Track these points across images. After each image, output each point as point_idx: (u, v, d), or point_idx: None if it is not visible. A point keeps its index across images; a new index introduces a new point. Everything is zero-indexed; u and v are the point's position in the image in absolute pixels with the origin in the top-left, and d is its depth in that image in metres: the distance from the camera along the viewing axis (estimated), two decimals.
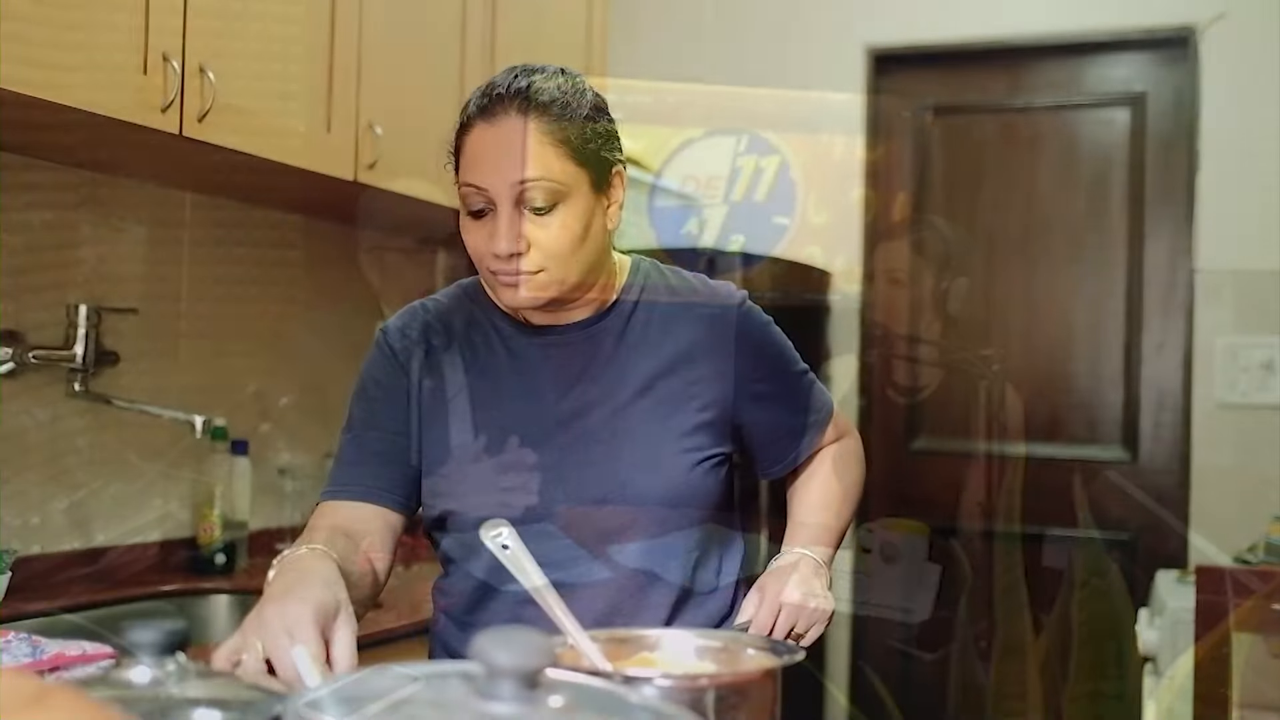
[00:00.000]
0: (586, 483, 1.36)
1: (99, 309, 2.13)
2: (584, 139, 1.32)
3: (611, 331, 1.42)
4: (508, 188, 1.29)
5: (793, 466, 1.53)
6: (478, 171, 1.31)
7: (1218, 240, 3.27)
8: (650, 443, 1.38)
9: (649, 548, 1.37)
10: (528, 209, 1.30)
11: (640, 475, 1.36)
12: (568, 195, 1.31)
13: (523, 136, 1.29)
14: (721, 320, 1.44)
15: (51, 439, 2.13)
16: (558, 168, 1.30)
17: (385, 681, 0.65)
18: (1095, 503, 3.43)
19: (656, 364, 1.41)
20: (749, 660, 1.05)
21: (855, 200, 3.61)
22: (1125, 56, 3.46)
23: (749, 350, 1.45)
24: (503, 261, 1.31)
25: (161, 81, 1.81)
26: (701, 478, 1.39)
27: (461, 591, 1.43)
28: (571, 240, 1.31)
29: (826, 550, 1.45)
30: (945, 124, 3.62)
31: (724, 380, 1.43)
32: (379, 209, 2.53)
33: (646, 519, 1.36)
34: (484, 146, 1.31)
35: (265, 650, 1.02)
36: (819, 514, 1.49)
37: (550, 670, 0.67)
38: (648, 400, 1.40)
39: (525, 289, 1.32)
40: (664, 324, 1.44)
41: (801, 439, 1.51)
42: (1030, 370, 3.50)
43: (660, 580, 1.38)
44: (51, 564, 2.11)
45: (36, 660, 1.45)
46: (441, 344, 1.43)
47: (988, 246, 3.56)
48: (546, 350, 1.41)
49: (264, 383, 2.61)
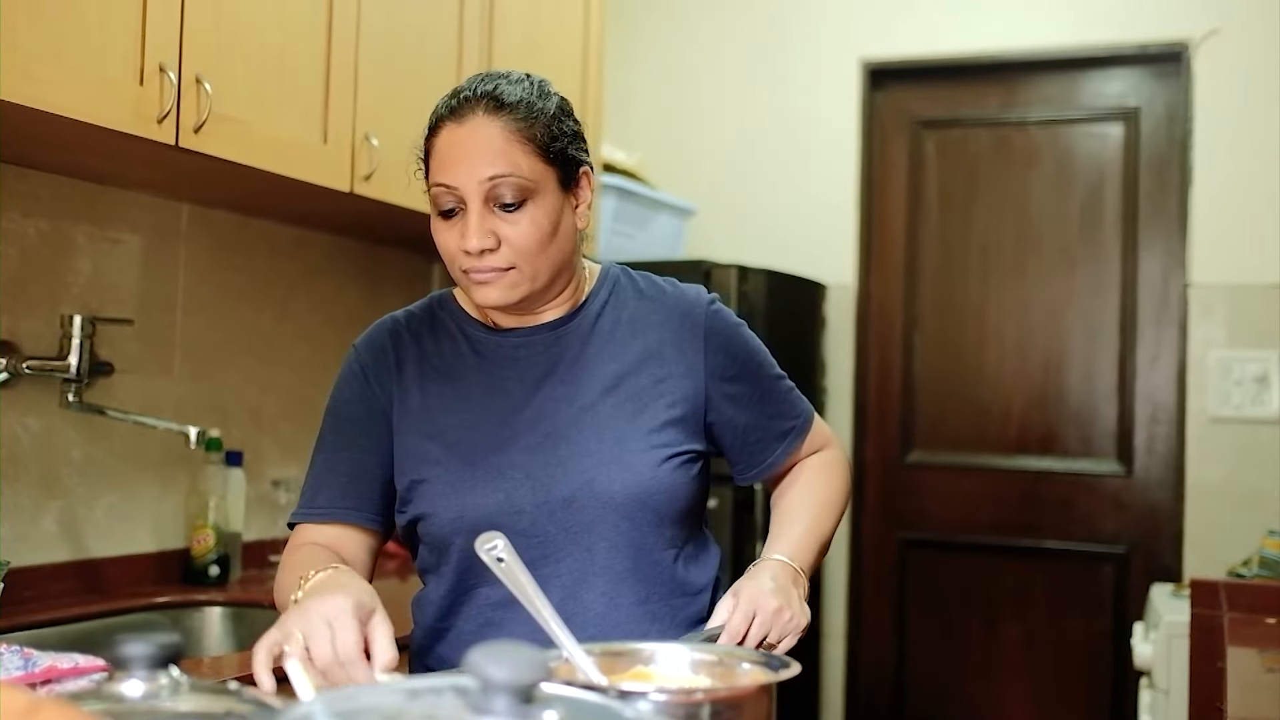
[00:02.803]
0: (554, 482, 1.37)
1: (94, 319, 2.13)
2: (550, 137, 1.36)
3: (579, 332, 1.44)
4: (476, 185, 1.32)
5: (769, 472, 1.52)
6: (447, 171, 1.33)
7: (1211, 254, 3.28)
8: (617, 440, 1.38)
9: (618, 546, 1.37)
10: (497, 206, 1.32)
11: (607, 472, 1.36)
12: (536, 192, 1.33)
13: (490, 134, 1.32)
14: (689, 318, 1.45)
15: (45, 449, 2.12)
16: (525, 164, 1.33)
17: (378, 695, 0.65)
18: (1089, 516, 3.43)
19: (624, 363, 1.43)
20: (744, 675, 1.05)
21: (850, 213, 3.62)
22: (1119, 71, 3.47)
23: (718, 347, 1.45)
24: (474, 259, 1.33)
25: (158, 92, 1.81)
26: (670, 475, 1.39)
27: (433, 600, 1.44)
28: (541, 237, 1.34)
29: (807, 559, 1.42)
30: (940, 138, 3.63)
31: (693, 377, 1.43)
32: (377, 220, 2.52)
33: (615, 517, 1.36)
34: (452, 146, 1.34)
35: (306, 639, 1.03)
36: (800, 522, 1.46)
37: (545, 684, 0.66)
38: (615, 398, 1.41)
39: (496, 287, 1.35)
40: (631, 324, 1.45)
41: (778, 444, 1.50)
42: (1024, 384, 3.51)
43: (631, 579, 1.38)
44: (44, 575, 2.10)
45: (29, 673, 1.45)
46: (410, 353, 1.46)
47: (982, 260, 3.57)
48: (514, 352, 1.43)
49: (258, 394, 2.60)
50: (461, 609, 1.40)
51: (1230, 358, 3.25)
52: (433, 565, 1.43)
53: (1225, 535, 3.12)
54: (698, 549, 1.46)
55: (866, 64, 3.63)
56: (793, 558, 1.40)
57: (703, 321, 1.45)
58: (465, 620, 1.40)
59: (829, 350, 3.60)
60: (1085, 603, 3.41)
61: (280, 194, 2.29)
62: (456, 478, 1.38)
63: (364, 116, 2.27)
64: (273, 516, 2.60)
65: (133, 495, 2.30)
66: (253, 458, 2.55)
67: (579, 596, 1.36)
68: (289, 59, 2.11)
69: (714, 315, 1.47)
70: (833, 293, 3.59)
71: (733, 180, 3.68)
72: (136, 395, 2.28)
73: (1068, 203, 3.49)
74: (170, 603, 2.22)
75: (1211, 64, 3.30)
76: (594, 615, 1.35)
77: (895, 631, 3.60)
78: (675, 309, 1.46)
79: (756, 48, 3.71)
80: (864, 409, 3.65)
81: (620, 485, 1.36)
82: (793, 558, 1.40)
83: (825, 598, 3.58)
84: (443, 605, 1.42)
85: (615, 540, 1.37)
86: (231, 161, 1.97)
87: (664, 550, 1.40)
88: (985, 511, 3.53)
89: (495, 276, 1.34)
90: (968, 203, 3.59)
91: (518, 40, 2.71)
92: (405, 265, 3.07)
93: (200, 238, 2.45)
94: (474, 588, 1.39)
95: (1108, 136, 3.47)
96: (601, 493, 1.36)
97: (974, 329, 3.56)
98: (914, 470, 3.62)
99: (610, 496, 1.36)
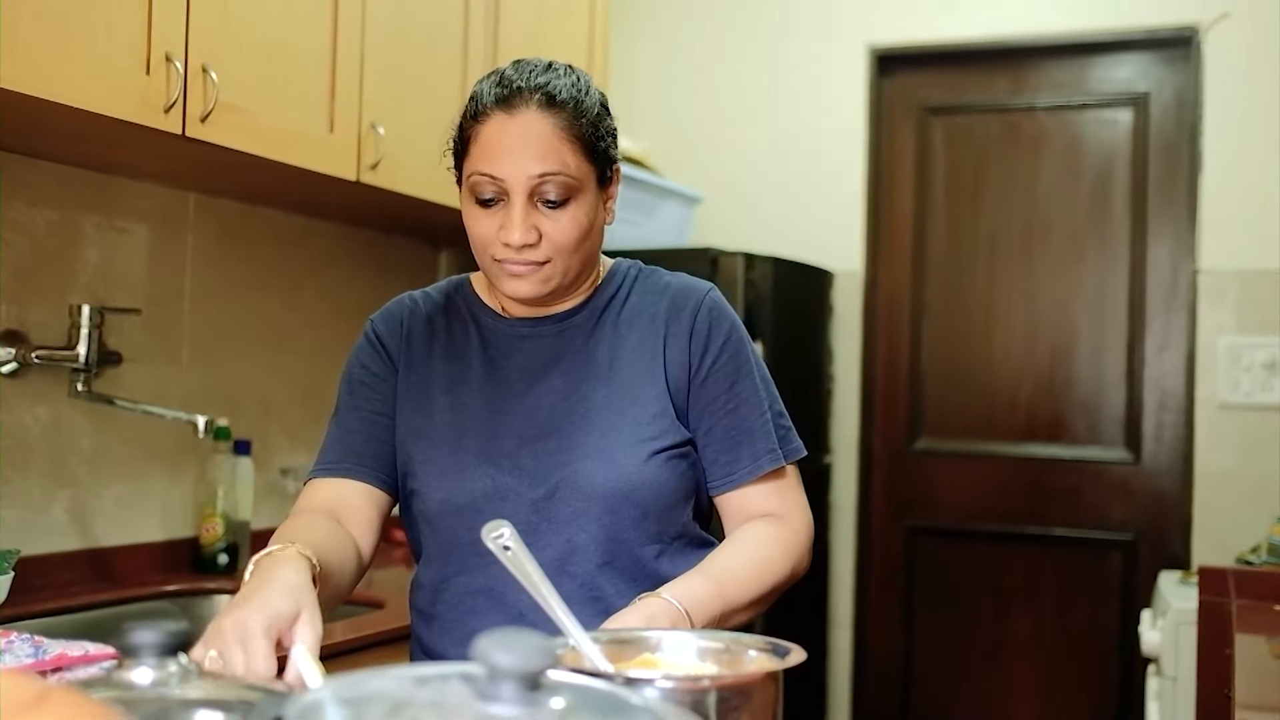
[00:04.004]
0: (540, 471, 1.37)
1: (102, 309, 2.13)
2: (595, 136, 1.36)
3: (583, 326, 1.44)
4: (525, 180, 1.31)
5: (730, 486, 1.42)
6: (493, 161, 1.32)
7: (1220, 240, 3.27)
8: (606, 432, 1.38)
9: (599, 539, 1.36)
10: (541, 201, 1.33)
11: (591, 465, 1.36)
12: (579, 191, 1.34)
13: (542, 130, 1.32)
14: (684, 309, 1.43)
15: (54, 439, 2.13)
16: (573, 163, 1.33)
17: (386, 683, 0.65)
18: (1098, 504, 3.42)
19: (619, 355, 1.43)
20: (751, 662, 1.05)
21: (858, 200, 3.61)
22: (1128, 56, 3.46)
23: (702, 339, 1.42)
24: (512, 251, 1.33)
25: (164, 82, 1.82)
26: (657, 470, 1.37)
27: (423, 584, 1.45)
28: (580, 234, 1.35)
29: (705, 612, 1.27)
30: (948, 124, 3.62)
31: (680, 368, 1.41)
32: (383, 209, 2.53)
33: (597, 510, 1.36)
34: (502, 137, 1.33)
35: (221, 659, 1.04)
36: (718, 574, 1.33)
37: (551, 672, 0.67)
38: (607, 390, 1.40)
39: (530, 280, 1.35)
40: (631, 317, 1.45)
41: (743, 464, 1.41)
42: (1033, 371, 3.50)
43: (610, 572, 1.37)
44: (54, 564, 2.11)
45: (39, 661, 1.45)
46: (421, 330, 1.47)
47: (990, 246, 3.56)
48: (519, 342, 1.44)
49: (266, 383, 2.61)
50: (444, 595, 1.41)
51: (1239, 344, 3.24)
52: (422, 546, 1.46)
53: (1234, 522, 3.12)
54: (687, 546, 1.43)
55: (874, 50, 3.62)
56: (682, 601, 1.25)
57: (694, 311, 1.43)
58: (448, 608, 1.41)
59: (836, 338, 3.59)
60: (1093, 590, 3.41)
61: (287, 183, 2.29)
62: (447, 459, 1.39)
63: (370, 106, 2.27)
64: (281, 505, 2.61)
65: (142, 484, 2.30)
66: (261, 446, 2.56)
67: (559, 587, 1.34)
68: (295, 48, 2.11)
69: (707, 308, 1.43)
70: (840, 280, 3.58)
71: (739, 168, 3.67)
72: (145, 384, 2.29)
73: (1076, 189, 3.48)
74: (179, 591, 2.23)
75: (1221, 48, 3.28)
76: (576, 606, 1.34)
77: (903, 619, 3.60)
78: (673, 302, 1.45)
79: (763, 34, 3.70)
80: (871, 396, 3.64)
81: (603, 478, 1.36)
82: (682, 601, 1.25)
83: (832, 585, 3.59)
84: (430, 590, 1.43)
85: (596, 533, 1.36)
86: (238, 151, 1.98)
87: (646, 545, 1.39)
88: (993, 499, 3.53)
89: (531, 270, 1.35)
90: (976, 189, 3.58)
91: (524, 26, 2.71)
92: (412, 253, 3.07)
93: (207, 227, 2.45)
94: (456, 574, 1.40)
95: (1117, 122, 3.45)
96: (584, 485, 1.36)
97: (982, 315, 3.56)
98: (921, 458, 3.61)
99: (593, 489, 1.36)
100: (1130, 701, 3.30)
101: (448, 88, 2.45)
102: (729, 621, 1.30)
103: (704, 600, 1.28)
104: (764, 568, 1.38)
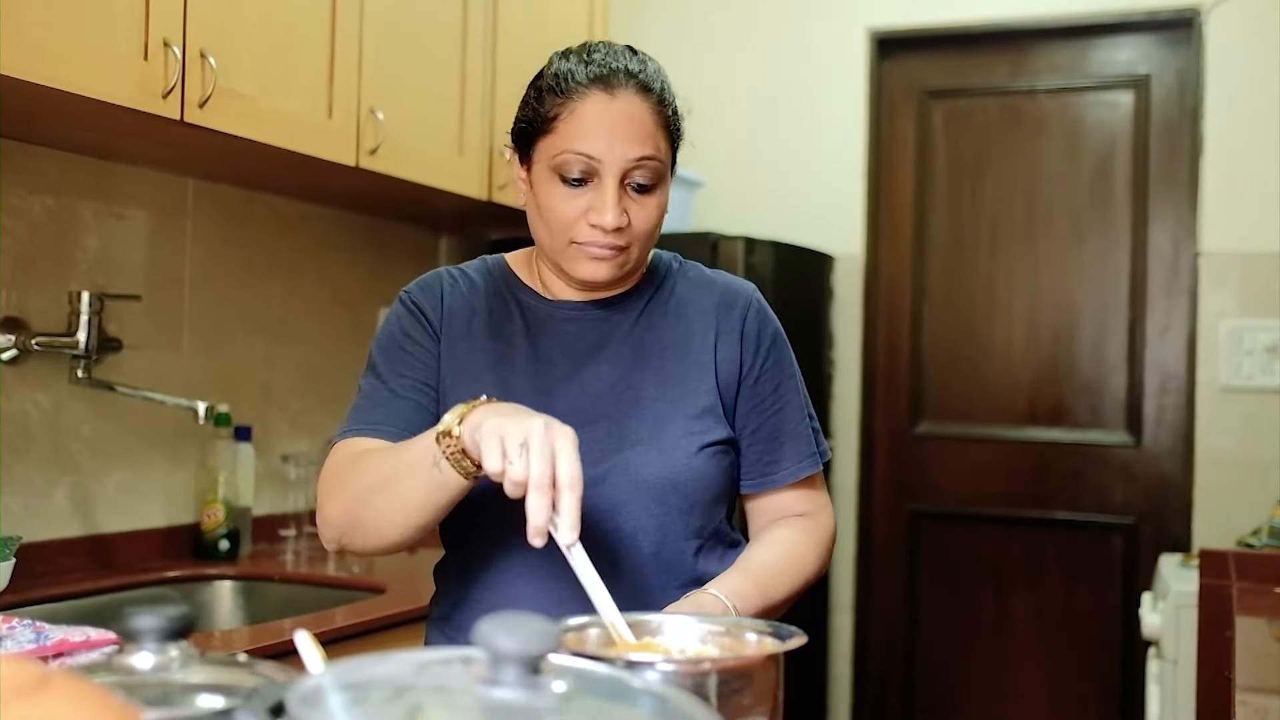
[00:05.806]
0: (591, 457, 1.33)
1: (102, 296, 2.13)
2: (676, 126, 1.39)
3: (628, 313, 1.43)
4: (623, 162, 1.31)
5: (768, 488, 1.45)
6: (591, 140, 1.31)
7: (1222, 223, 3.26)
8: (658, 423, 1.37)
9: (645, 528, 1.36)
10: (630, 185, 1.33)
11: (644, 454, 1.35)
12: (664, 176, 1.37)
13: (643, 114, 1.33)
14: (734, 310, 1.45)
15: (55, 426, 2.13)
16: (663, 149, 1.36)
17: (387, 667, 0.65)
18: (1099, 487, 3.43)
19: (669, 346, 1.42)
20: (752, 645, 1.05)
21: (858, 184, 3.60)
22: (1129, 39, 3.44)
23: (754, 335, 1.44)
24: (599, 233, 1.32)
25: (162, 67, 1.81)
26: (705, 463, 1.38)
27: (455, 566, 1.43)
28: (659, 220, 1.37)
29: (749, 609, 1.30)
30: (948, 107, 3.61)
31: (729, 368, 1.43)
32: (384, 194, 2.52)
33: (646, 499, 1.35)
34: (602, 116, 1.32)
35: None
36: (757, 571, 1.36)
37: (553, 655, 0.67)
38: (658, 380, 1.40)
39: (609, 264, 1.35)
40: (679, 310, 1.44)
41: (787, 465, 1.44)
42: (1034, 354, 3.50)
43: (654, 565, 1.36)
44: (55, 550, 2.11)
45: (40, 646, 1.46)
46: (461, 304, 1.44)
47: (991, 230, 3.55)
48: (562, 325, 1.43)
49: (267, 369, 2.61)
50: (482, 576, 1.39)
51: (1241, 327, 3.23)
52: (455, 529, 1.41)
53: (1235, 505, 3.12)
54: (720, 545, 1.44)
55: (874, 33, 3.60)
56: (729, 598, 1.28)
57: (744, 310, 1.45)
58: (484, 590, 1.38)
59: (837, 322, 3.59)
60: (1094, 573, 3.41)
61: (286, 169, 2.29)
62: None
63: (369, 91, 2.26)
64: (282, 491, 2.61)
65: (143, 470, 2.31)
66: (262, 432, 2.56)
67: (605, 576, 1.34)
68: (293, 33, 2.10)
69: (756, 308, 1.46)
70: (841, 264, 3.58)
71: (740, 152, 3.66)
72: (145, 371, 2.29)
73: (1077, 172, 3.47)
74: (181, 577, 2.24)
75: (1223, 30, 3.26)
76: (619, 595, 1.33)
77: (904, 603, 3.61)
78: (722, 299, 1.45)
79: (763, 17, 3.68)
80: (872, 380, 3.64)
81: (655, 468, 1.35)
82: (729, 598, 1.28)
83: (833, 568, 3.59)
84: (464, 573, 1.41)
85: (645, 522, 1.35)
86: (237, 136, 1.97)
87: (687, 540, 1.38)
88: (995, 482, 3.53)
89: (612, 254, 1.34)
90: (976, 172, 3.57)
91: (524, 8, 2.70)
92: (412, 239, 3.06)
93: (207, 213, 2.45)
94: (493, 556, 1.37)
95: (1118, 105, 3.44)
96: (635, 473, 1.35)
97: (983, 299, 3.55)
98: (923, 441, 3.61)
99: (644, 478, 1.35)
100: (1131, 684, 3.30)
101: (447, 72, 2.44)
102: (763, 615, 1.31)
103: (749, 597, 1.30)
104: (800, 566, 1.41)
